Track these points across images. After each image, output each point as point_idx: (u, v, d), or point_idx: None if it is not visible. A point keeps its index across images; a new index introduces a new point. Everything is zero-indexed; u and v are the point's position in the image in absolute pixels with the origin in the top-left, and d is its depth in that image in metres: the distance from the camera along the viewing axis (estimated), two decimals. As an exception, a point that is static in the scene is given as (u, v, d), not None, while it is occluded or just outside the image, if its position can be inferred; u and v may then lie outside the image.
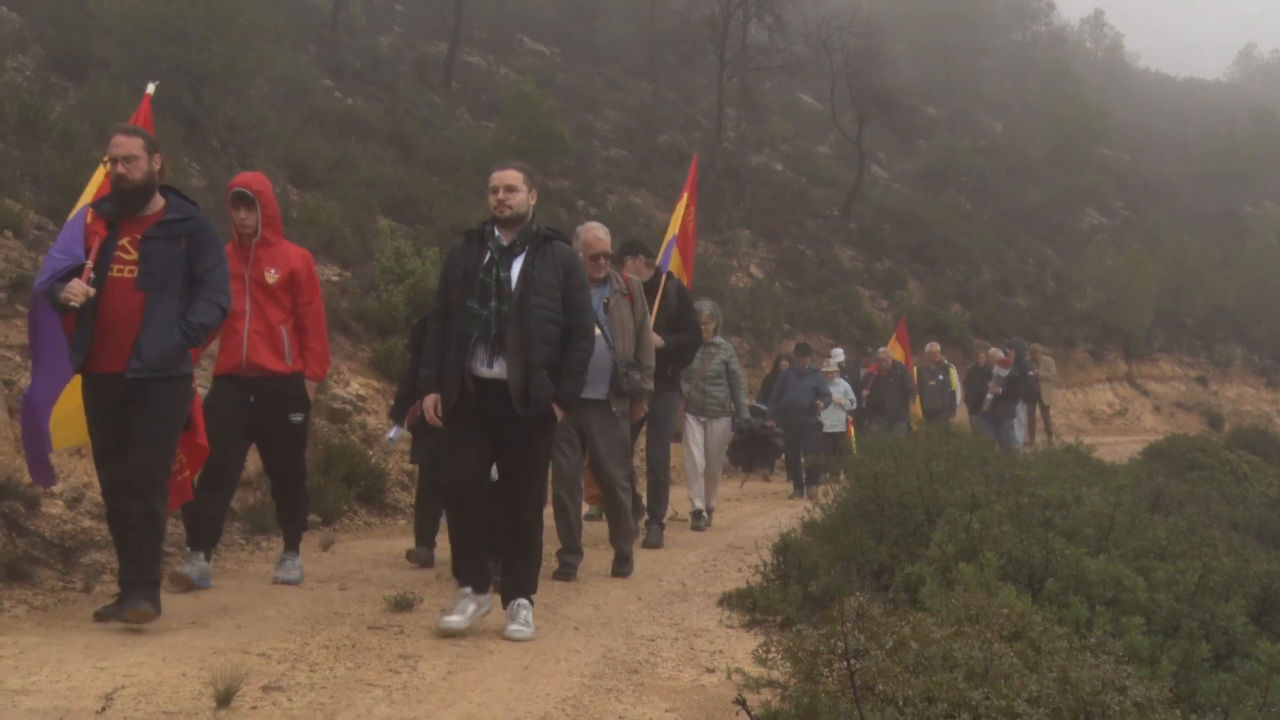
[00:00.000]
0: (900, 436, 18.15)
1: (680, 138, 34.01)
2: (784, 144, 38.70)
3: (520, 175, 6.98)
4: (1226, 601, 8.46)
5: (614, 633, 7.10)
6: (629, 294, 9.12)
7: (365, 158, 21.76)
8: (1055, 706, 4.59)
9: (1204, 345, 35.34)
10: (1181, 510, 13.80)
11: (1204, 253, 37.74)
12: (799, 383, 17.48)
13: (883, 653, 4.99)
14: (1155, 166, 51.22)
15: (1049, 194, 42.08)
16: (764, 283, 27.76)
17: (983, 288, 32.70)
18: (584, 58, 37.21)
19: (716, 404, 13.09)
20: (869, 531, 9.25)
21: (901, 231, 33.94)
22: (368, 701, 5.34)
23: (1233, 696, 6.39)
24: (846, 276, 29.98)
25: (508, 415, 6.72)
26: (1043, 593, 7.53)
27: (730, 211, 30.31)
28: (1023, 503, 9.65)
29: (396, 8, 36.06)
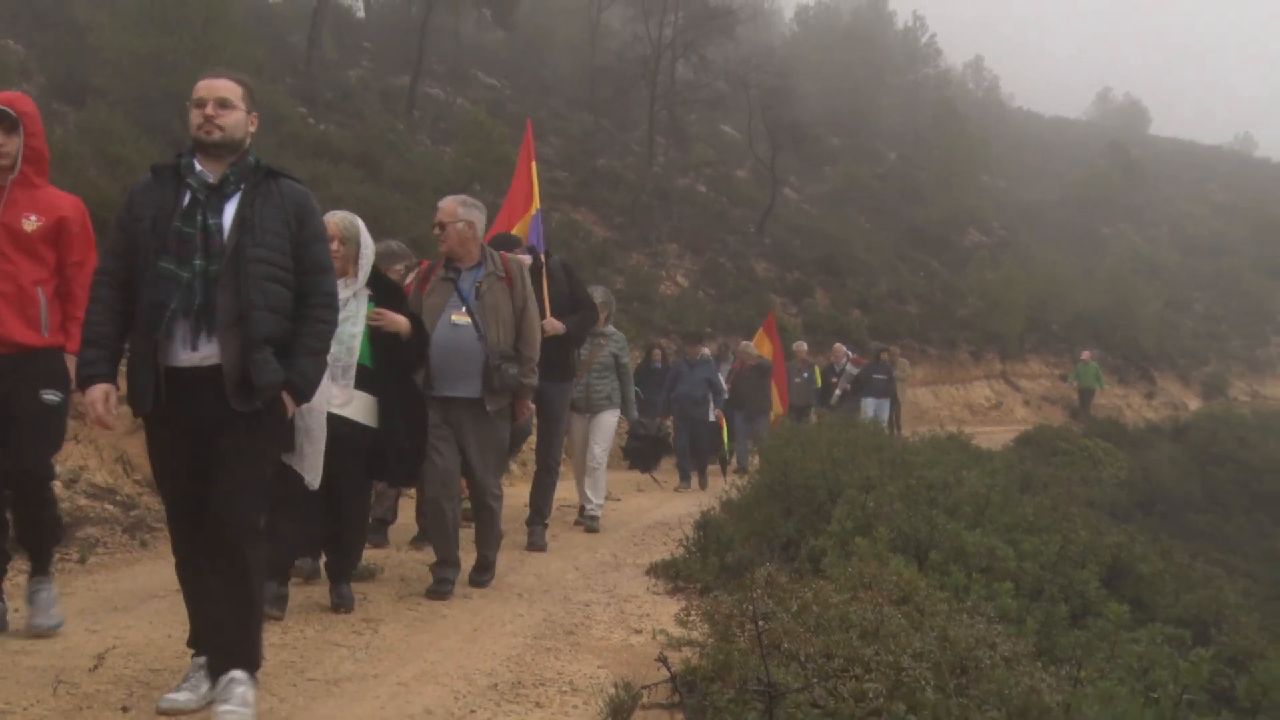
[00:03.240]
0: (760, 429, 17.78)
1: (616, 162, 34.04)
2: (707, 168, 38.76)
3: (237, 88, 4.66)
4: (1082, 569, 8.60)
5: (553, 599, 7.10)
6: (507, 277, 7.24)
7: (336, 178, 21.60)
8: (936, 661, 4.65)
9: (1067, 347, 35.68)
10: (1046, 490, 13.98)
11: (1068, 268, 38.22)
12: (691, 374, 15.53)
13: (788, 615, 5.06)
14: (1027, 192, 51.67)
15: (937, 215, 42.34)
16: (689, 290, 27.82)
17: (880, 296, 32.88)
18: (531, 90, 37.10)
19: (602, 397, 10.79)
20: (778, 510, 9.30)
21: (809, 246, 34.07)
22: (334, 660, 5.35)
23: (1085, 651, 6.49)
24: (761, 285, 30.07)
25: (220, 413, 4.34)
26: (927, 562, 7.60)
27: (659, 227, 30.34)
28: (911, 484, 9.75)
29: (365, 45, 35.89)
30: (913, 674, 4.27)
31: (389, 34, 36.81)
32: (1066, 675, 5.62)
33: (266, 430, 4.54)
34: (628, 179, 32.52)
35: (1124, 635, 6.99)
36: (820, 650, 4.47)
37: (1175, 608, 9.19)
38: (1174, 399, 36.77)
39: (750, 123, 36.13)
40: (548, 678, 5.20)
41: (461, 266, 7.15)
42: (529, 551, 8.85)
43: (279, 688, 4.84)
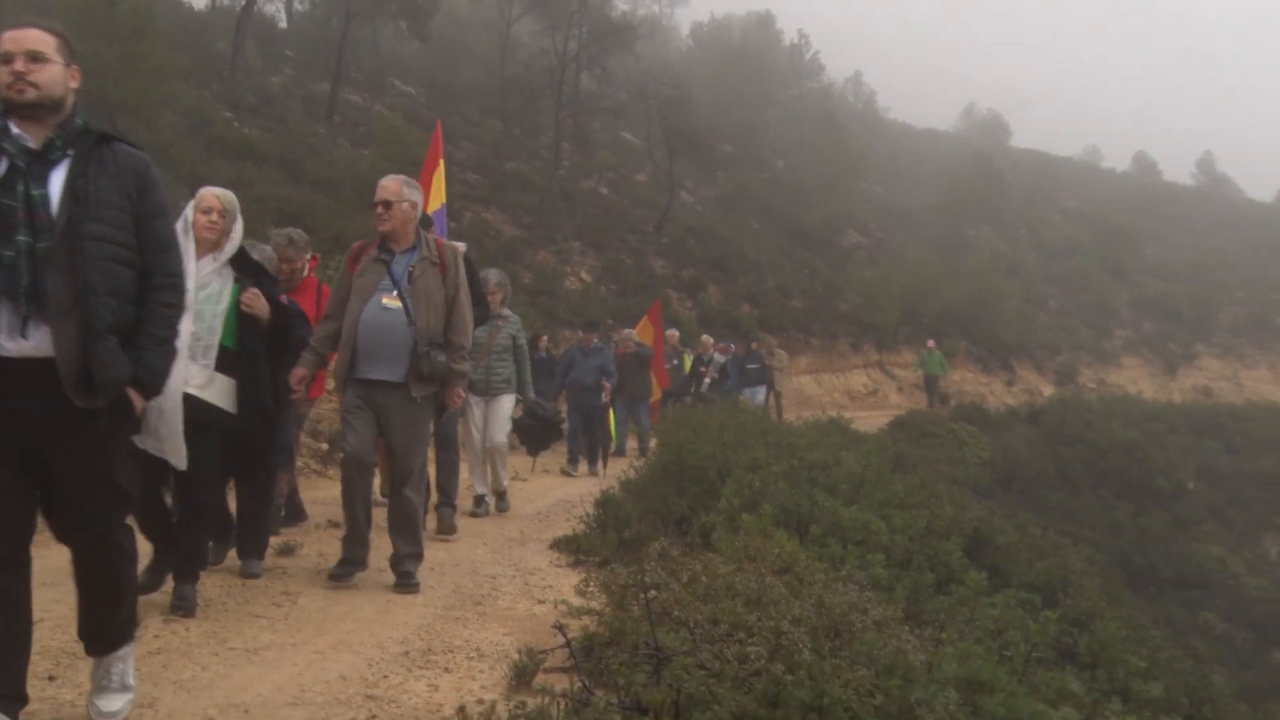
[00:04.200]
0: (641, 415, 17.50)
1: (524, 166, 33.91)
2: (609, 173, 38.76)
3: (50, 38, 3.83)
4: (947, 540, 8.76)
5: (463, 572, 7.08)
6: (440, 262, 6.66)
7: (259, 178, 21.38)
8: (813, 625, 4.72)
9: (937, 339, 36.12)
10: (916, 470, 14.20)
11: (937, 266, 38.73)
12: (585, 361, 14.86)
13: (679, 585, 5.10)
14: (901, 197, 52.28)
15: (819, 217, 42.71)
16: (592, 285, 27.82)
17: (767, 292, 33.10)
18: (445, 98, 36.77)
19: (501, 380, 10.06)
20: (673, 489, 9.35)
21: (703, 245, 34.20)
22: (254, 630, 5.30)
23: (948, 614, 6.63)
24: (659, 281, 30.14)
25: (54, 411, 3.55)
26: (808, 536, 7.68)
27: (565, 227, 30.29)
28: (795, 465, 9.86)
29: (287, 53, 35.37)
30: (791, 637, 4.33)
31: (310, 43, 36.32)
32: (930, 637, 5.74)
33: (112, 429, 3.74)
34: (535, 181, 32.42)
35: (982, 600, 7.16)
36: (708, 617, 4.52)
37: (1028, 575, 9.40)
38: (1031, 386, 37.49)
39: (649, 131, 36.21)
40: (456, 645, 5.20)
41: (396, 249, 6.61)
42: (438, 535, 8.35)
43: (201, 656, 4.80)
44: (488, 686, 4.51)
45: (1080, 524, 20.38)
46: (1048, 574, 9.70)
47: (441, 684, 4.56)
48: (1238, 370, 47.53)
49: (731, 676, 3.72)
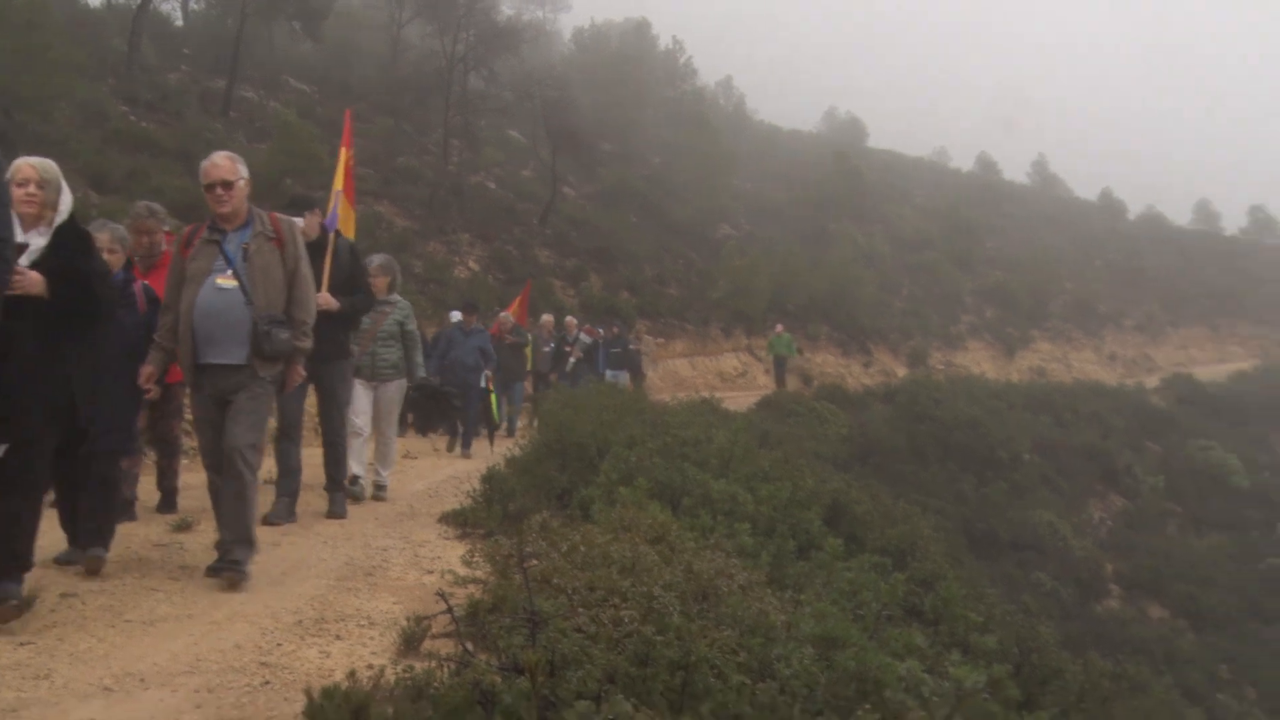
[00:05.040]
0: (515, 395, 17.43)
1: (415, 161, 33.49)
2: (496, 168, 38.46)
3: None
4: (808, 510, 8.90)
5: (355, 545, 6.98)
6: (278, 238, 6.06)
7: (157, 171, 20.79)
8: (683, 590, 4.78)
9: (801, 324, 36.62)
10: (781, 445, 14.41)
11: (801, 258, 39.18)
12: (465, 342, 14.24)
13: (559, 555, 5.13)
14: (768, 193, 52.79)
15: (693, 212, 42.90)
16: (480, 274, 27.60)
17: (645, 280, 33.18)
18: (338, 95, 36.00)
19: (388, 366, 9.42)
20: (555, 465, 9.35)
21: (585, 237, 34.16)
22: (151, 603, 5.19)
23: (807, 578, 6.75)
24: (543, 271, 30.03)
25: None
26: (680, 507, 7.74)
27: (454, 219, 30.01)
28: (668, 441, 9.93)
29: (183, 50, 34.43)
30: (662, 601, 4.38)
31: (206, 41, 35.36)
32: (791, 598, 5.85)
33: None
34: (426, 176, 32.05)
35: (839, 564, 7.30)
36: (585, 584, 4.55)
37: (881, 540, 9.60)
38: (886, 367, 38.15)
39: (534, 129, 36.04)
40: (348, 614, 5.15)
41: (227, 228, 5.99)
42: (329, 519, 7.91)
43: (97, 629, 4.70)
44: (378, 652, 4.47)
45: (929, 493, 20.85)
46: (898, 540, 9.92)
47: (333, 650, 4.52)
48: (1067, 352, 49.05)
49: (605, 638, 3.75)
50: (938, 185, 70.74)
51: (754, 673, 3.88)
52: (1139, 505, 27.90)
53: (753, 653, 4.17)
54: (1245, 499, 30.69)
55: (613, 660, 3.47)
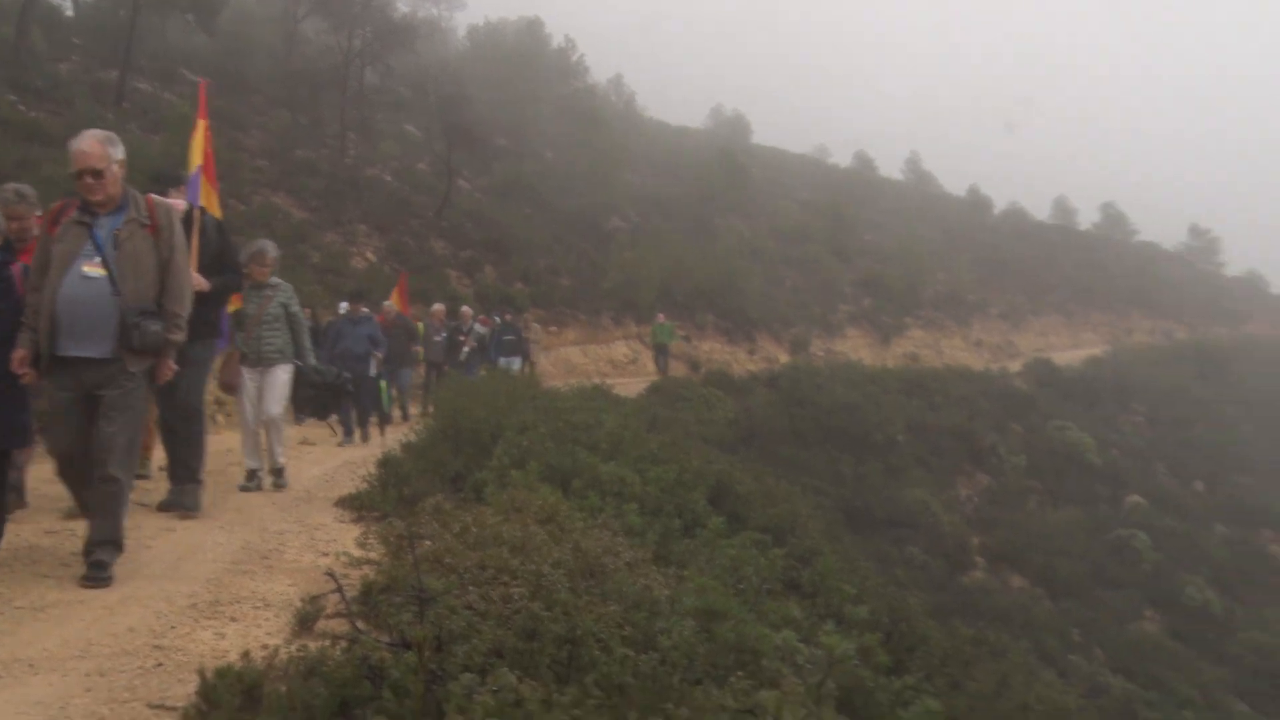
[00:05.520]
0: (403, 382, 17.01)
1: (312, 154, 32.89)
2: (393, 161, 37.91)
3: None
4: (693, 491, 8.99)
5: (251, 529, 6.82)
6: (152, 224, 5.46)
7: (47, 160, 20.08)
8: (571, 568, 4.80)
9: (689, 314, 36.87)
10: (669, 429, 14.51)
11: (689, 250, 39.39)
12: (354, 331, 13.80)
13: (451, 536, 5.11)
14: (657, 187, 52.93)
15: (585, 204, 42.83)
16: (376, 265, 27.25)
17: (539, 271, 33.05)
18: (234, 88, 35.16)
19: (274, 350, 8.88)
20: (449, 449, 9.29)
21: (480, 229, 33.89)
22: (41, 589, 5.03)
23: (692, 555, 6.82)
24: (439, 261, 29.76)
25: None
26: (571, 489, 7.75)
27: (350, 211, 29.56)
28: (560, 426, 9.93)
29: (74, 40, 33.26)
30: (551, 579, 4.40)
31: (97, 32, 34.18)
32: (675, 574, 5.91)
33: None
34: (322, 168, 31.51)
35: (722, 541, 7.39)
36: (476, 563, 4.55)
37: (762, 519, 9.72)
38: (770, 354, 38.57)
39: (429, 124, 35.64)
40: (243, 596, 5.04)
41: (100, 211, 5.40)
42: (181, 517, 7.00)
43: (-15, 617, 4.55)
44: (272, 633, 4.40)
45: (809, 474, 21.18)
46: (779, 518, 10.07)
47: (228, 632, 4.43)
48: (938, 339, 50.16)
49: (494, 615, 3.75)
50: (818, 181, 71.70)
51: (638, 645, 3.92)
52: (1002, 482, 28.70)
53: (637, 626, 4.21)
54: (1096, 475, 31.79)
55: (500, 635, 3.48)
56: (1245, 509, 34.39)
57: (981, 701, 7.46)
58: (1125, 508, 30.40)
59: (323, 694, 2.86)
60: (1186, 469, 36.98)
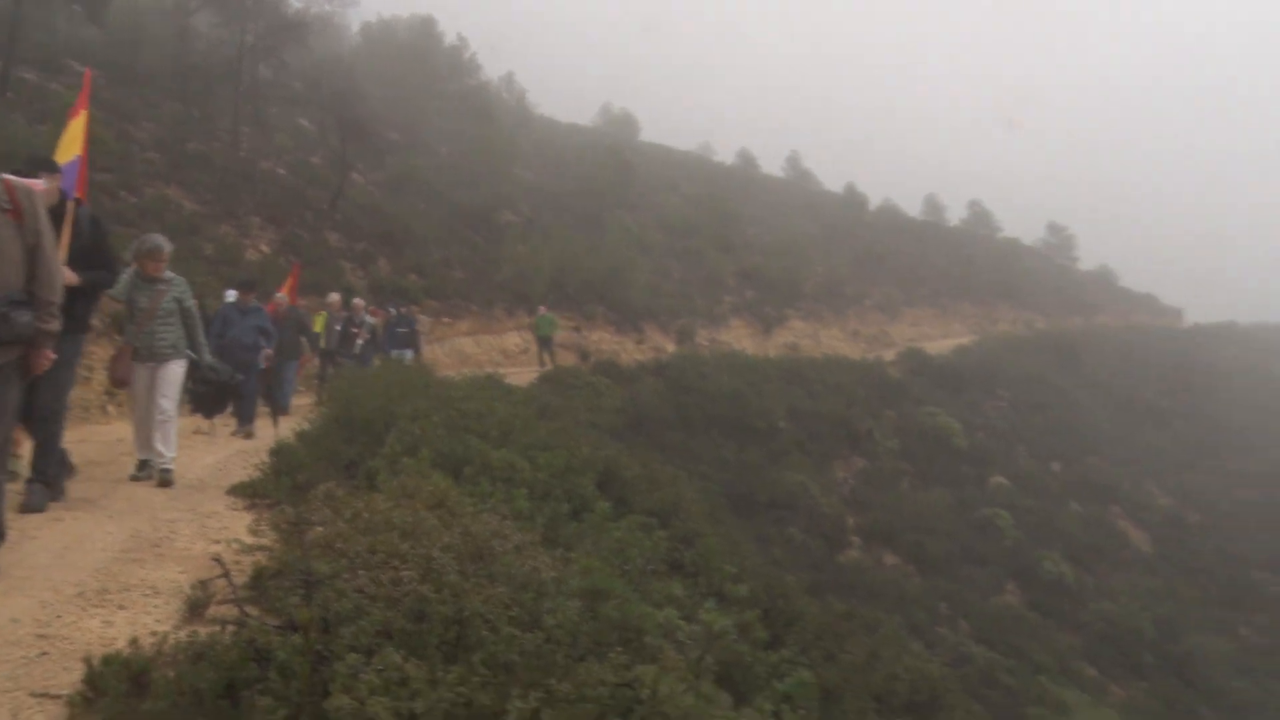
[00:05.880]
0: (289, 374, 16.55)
1: (204, 147, 31.97)
2: (287, 154, 37.07)
3: None
4: (582, 476, 9.02)
5: (142, 518, 6.61)
6: (14, 208, 5.04)
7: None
8: (460, 551, 4.79)
9: (579, 305, 36.82)
10: (559, 417, 14.52)
11: (579, 243, 39.38)
12: (242, 320, 13.26)
13: (343, 522, 5.06)
14: (549, 183, 52.76)
15: (478, 198, 42.43)
16: (271, 257, 26.63)
17: (432, 264, 32.69)
18: (125, 80, 33.96)
19: (167, 345, 8.52)
20: (342, 438, 9.18)
21: (374, 222, 33.36)
22: (-82, 583, 4.82)
23: (579, 538, 6.85)
24: (333, 254, 29.22)
25: None
26: (462, 476, 7.72)
27: (244, 204, 28.84)
28: (452, 414, 9.88)
29: (-47, 29, 31.86)
30: (440, 562, 4.38)
31: (-22, 22, 32.71)
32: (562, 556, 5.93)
33: None
34: (216, 161, 30.68)
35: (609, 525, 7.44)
36: (366, 547, 4.50)
37: (648, 502, 9.79)
38: (657, 344, 38.74)
39: (323, 118, 34.97)
40: (132, 584, 4.91)
41: None
42: (22, 513, 6.43)
43: None
44: (161, 620, 4.30)
45: (695, 459, 21.39)
46: (664, 502, 10.15)
47: (116, 620, 4.32)
48: (818, 330, 50.97)
49: (384, 597, 3.73)
50: (703, 177, 72.15)
51: (524, 625, 3.93)
52: (877, 465, 29.33)
53: (524, 606, 4.22)
54: (963, 457, 32.70)
55: (389, 617, 3.46)
56: (1096, 487, 35.77)
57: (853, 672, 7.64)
58: (989, 488, 31.35)
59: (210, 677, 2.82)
60: (1044, 451, 38.28)
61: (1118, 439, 44.11)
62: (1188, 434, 49.51)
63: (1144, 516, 35.48)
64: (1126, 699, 22.08)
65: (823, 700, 6.64)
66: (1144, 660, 24.26)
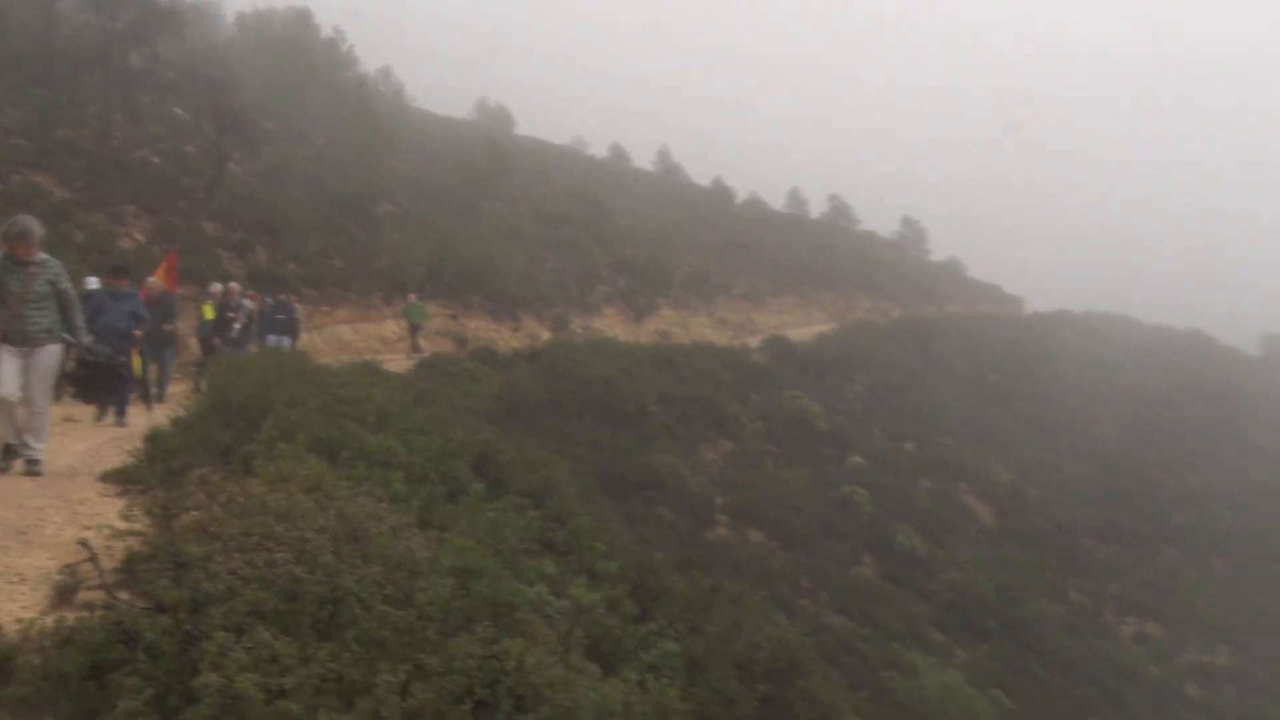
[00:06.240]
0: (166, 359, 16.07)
1: (74, 134, 30.61)
2: (161, 143, 35.70)
3: None
4: (458, 459, 8.97)
5: (7, 506, 6.30)
6: None
7: None
8: (335, 533, 4.73)
9: (456, 293, 36.46)
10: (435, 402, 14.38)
11: (456, 233, 38.92)
12: (115, 306, 12.63)
13: (217, 506, 4.94)
14: (426, 174, 51.93)
15: (356, 189, 41.58)
16: (145, 245, 25.68)
17: (310, 253, 31.98)
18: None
19: (40, 330, 8.08)
20: (219, 423, 8.94)
21: (251, 211, 32.37)
22: None
23: (454, 519, 6.82)
24: (210, 242, 28.31)
25: None
26: (339, 460, 7.61)
27: (117, 191, 27.73)
28: (329, 400, 9.71)
29: None
30: (315, 543, 4.32)
31: None
32: (436, 537, 5.90)
33: None
34: (86, 148, 29.41)
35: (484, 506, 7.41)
36: (241, 530, 4.41)
37: (522, 484, 9.78)
38: (532, 332, 38.59)
39: (198, 107, 33.80)
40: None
41: None
42: None
43: None
44: (28, 607, 4.13)
45: (569, 442, 21.41)
46: (538, 483, 10.15)
47: (-19, 608, 4.14)
48: (686, 318, 51.43)
49: (257, 579, 3.66)
50: (577, 170, 72.04)
51: (397, 602, 3.90)
52: (743, 447, 29.79)
53: (398, 585, 4.19)
54: (824, 439, 33.44)
55: (262, 597, 3.40)
56: (946, 465, 36.99)
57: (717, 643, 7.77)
58: (848, 467, 32.14)
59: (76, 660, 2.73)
60: (899, 432, 39.37)
61: (965, 420, 45.65)
62: (1027, 414, 51.51)
63: (988, 492, 36.83)
64: (970, 660, 22.94)
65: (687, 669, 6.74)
66: (986, 624, 25.25)
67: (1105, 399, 58.83)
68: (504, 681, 3.00)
